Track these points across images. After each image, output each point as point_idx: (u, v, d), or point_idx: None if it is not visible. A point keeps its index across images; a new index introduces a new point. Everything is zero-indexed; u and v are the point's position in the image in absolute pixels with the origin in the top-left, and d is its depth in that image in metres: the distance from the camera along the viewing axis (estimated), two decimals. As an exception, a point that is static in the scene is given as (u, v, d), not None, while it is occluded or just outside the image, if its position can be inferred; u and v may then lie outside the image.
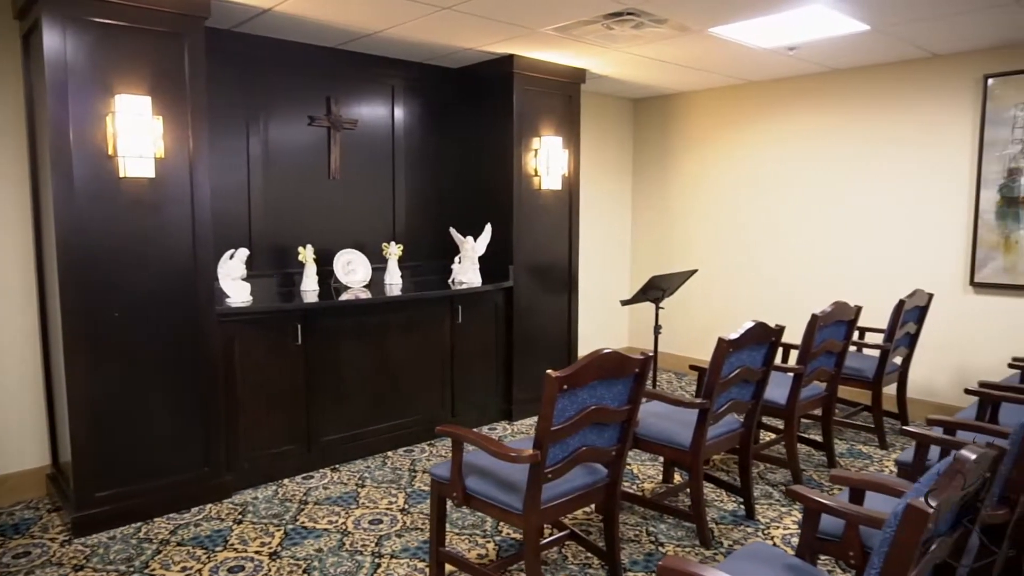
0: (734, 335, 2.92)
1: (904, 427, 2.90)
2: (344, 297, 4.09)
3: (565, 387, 2.30)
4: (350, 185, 4.64)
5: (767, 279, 5.70)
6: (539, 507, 2.41)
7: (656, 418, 3.26)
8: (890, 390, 4.59)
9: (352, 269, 4.46)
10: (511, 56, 4.67)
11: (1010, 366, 3.80)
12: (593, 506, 3.39)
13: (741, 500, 3.49)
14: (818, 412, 4.09)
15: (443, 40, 4.30)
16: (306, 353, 3.91)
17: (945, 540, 1.56)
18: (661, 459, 4.02)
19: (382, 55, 4.64)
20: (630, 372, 2.53)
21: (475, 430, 4.68)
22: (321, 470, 3.99)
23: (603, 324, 6.45)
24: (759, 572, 1.88)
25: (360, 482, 3.83)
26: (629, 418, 2.61)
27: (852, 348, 4.55)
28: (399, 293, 4.33)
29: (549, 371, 2.27)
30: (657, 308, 4.84)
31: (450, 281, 4.74)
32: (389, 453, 4.27)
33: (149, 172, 3.19)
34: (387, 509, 3.48)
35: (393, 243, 4.65)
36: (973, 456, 1.43)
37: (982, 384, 3.22)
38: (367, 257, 4.54)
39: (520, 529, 2.49)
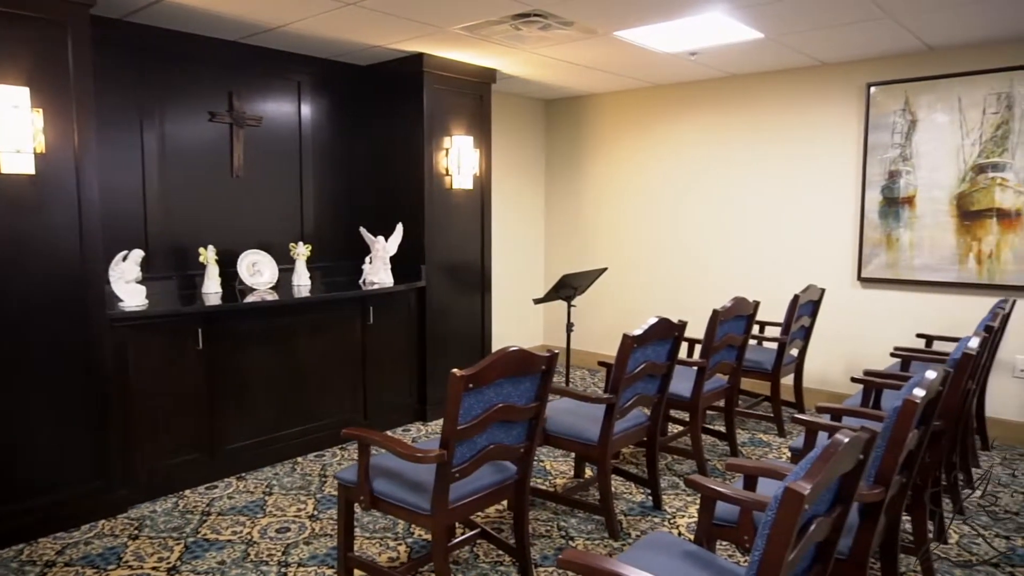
0: (638, 331, 3.00)
1: (795, 415, 3.05)
2: (250, 299, 3.96)
3: (470, 386, 2.30)
4: (255, 183, 4.49)
5: (673, 276, 5.88)
6: (447, 507, 2.41)
7: (565, 414, 3.31)
8: (788, 380, 4.83)
9: (258, 270, 4.32)
10: (421, 55, 4.64)
11: (892, 355, 4.06)
12: (506, 503, 3.41)
13: (649, 491, 3.58)
14: (722, 404, 4.25)
15: (350, 37, 4.22)
16: (209, 358, 3.76)
17: (824, 520, 1.65)
18: (573, 454, 4.08)
19: (287, 50, 4.52)
20: (536, 369, 2.56)
21: (388, 432, 4.68)
22: (226, 479, 3.84)
23: (518, 323, 6.50)
24: (658, 560, 1.94)
25: (267, 490, 3.71)
26: (537, 415, 2.64)
27: (753, 342, 4.78)
28: (308, 294, 4.23)
29: (454, 370, 2.27)
30: (569, 306, 4.92)
31: (361, 282, 4.66)
32: (299, 459, 4.16)
33: (28, 168, 2.99)
34: (295, 516, 3.39)
35: (301, 243, 4.53)
36: (846, 440, 1.53)
37: (867, 373, 3.43)
38: (274, 258, 4.41)
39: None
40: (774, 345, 4.59)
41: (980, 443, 4.32)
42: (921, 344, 4.49)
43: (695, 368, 3.80)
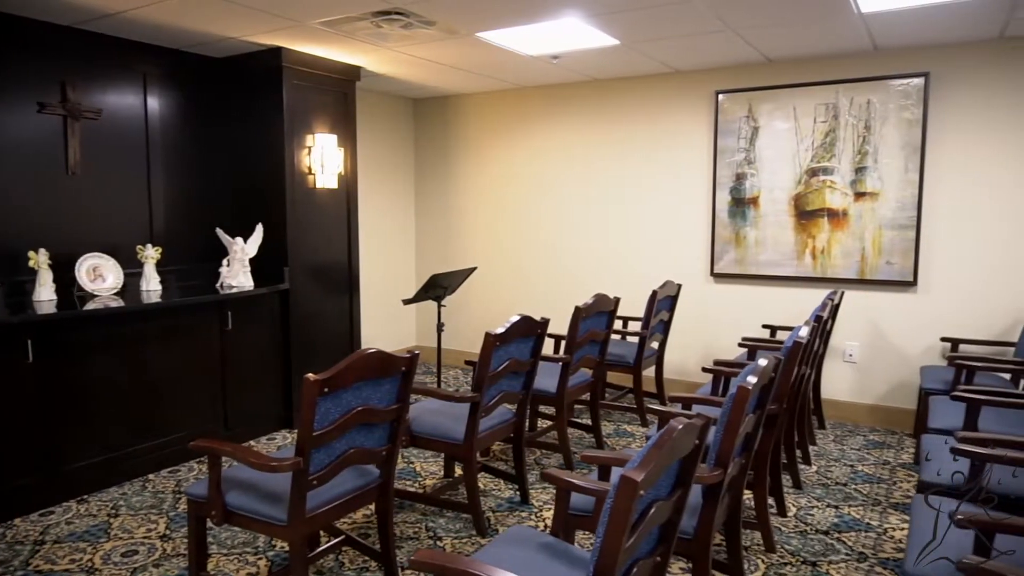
0: (500, 330, 3.04)
1: (650, 406, 3.21)
2: (91, 306, 3.66)
3: (326, 390, 2.24)
4: (95, 181, 4.16)
5: (542, 274, 6.02)
6: (305, 516, 2.34)
7: (431, 415, 3.30)
8: (650, 373, 5.06)
9: (100, 275, 4.01)
10: (279, 48, 4.46)
11: (740, 345, 4.36)
12: (374, 507, 3.36)
13: (517, 487, 3.64)
14: (587, 397, 4.39)
15: (200, 26, 4.00)
16: (41, 372, 3.44)
17: (665, 503, 1.74)
18: (443, 455, 4.08)
19: (130, 38, 4.22)
20: (396, 371, 2.53)
21: (252, 441, 4.48)
22: (65, 503, 3.53)
23: (390, 324, 6.42)
24: (515, 554, 1.97)
25: (113, 511, 3.45)
26: (398, 417, 2.61)
27: (616, 336, 4.97)
28: (158, 300, 3.96)
29: (308, 375, 2.20)
30: (439, 306, 4.91)
31: (218, 285, 4.43)
32: (151, 476, 3.90)
33: None
34: (144, 538, 3.17)
35: (150, 246, 4.24)
36: (679, 427, 1.62)
37: (716, 363, 3.65)
38: (120, 262, 4.11)
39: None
40: (636, 339, 4.79)
41: (817, 423, 4.72)
42: (767, 334, 4.84)
43: (560, 364, 3.90)
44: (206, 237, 4.64)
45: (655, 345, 4.95)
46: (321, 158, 4.73)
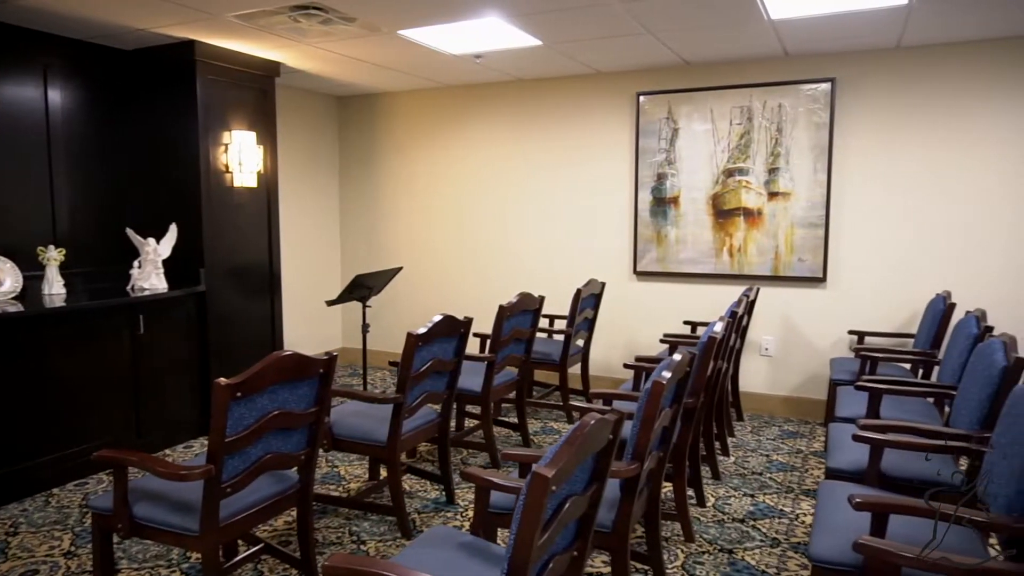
0: (422, 330, 3.02)
1: (574, 403, 3.25)
2: (-16, 312, 3.44)
3: (239, 394, 2.17)
4: (-10, 179, 3.91)
5: (469, 274, 6.01)
6: (218, 525, 2.26)
7: (354, 417, 3.25)
8: (576, 370, 5.12)
9: (-4, 279, 3.77)
10: (191, 42, 4.30)
11: (661, 341, 4.46)
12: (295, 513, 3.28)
13: (443, 487, 3.63)
14: (514, 396, 4.41)
15: (105, 17, 3.82)
16: (-71, 383, 3.21)
17: (580, 498, 1.76)
18: (368, 457, 4.02)
19: (28, 27, 3.98)
20: (314, 373, 2.48)
21: (168, 450, 4.31)
22: (-42, 522, 3.31)
23: (314, 326, 6.28)
24: (433, 555, 1.96)
25: (12, 529, 3.25)
26: (317, 420, 2.56)
27: (542, 335, 5.01)
28: (62, 304, 3.76)
29: (219, 379, 2.13)
30: (364, 307, 4.83)
31: (129, 288, 4.24)
32: (55, 490, 3.69)
33: None
34: (47, 556, 3.00)
35: (52, 247, 4.02)
36: (591, 423, 1.64)
37: (637, 359, 3.73)
38: (17, 264, 3.88)
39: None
40: (561, 337, 4.85)
41: (736, 415, 4.89)
42: (688, 330, 4.98)
43: (485, 363, 3.91)
44: (116, 238, 4.43)
45: (580, 343, 5.02)
46: (239, 156, 4.59)
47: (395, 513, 3.17)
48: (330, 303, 4.62)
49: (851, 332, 4.67)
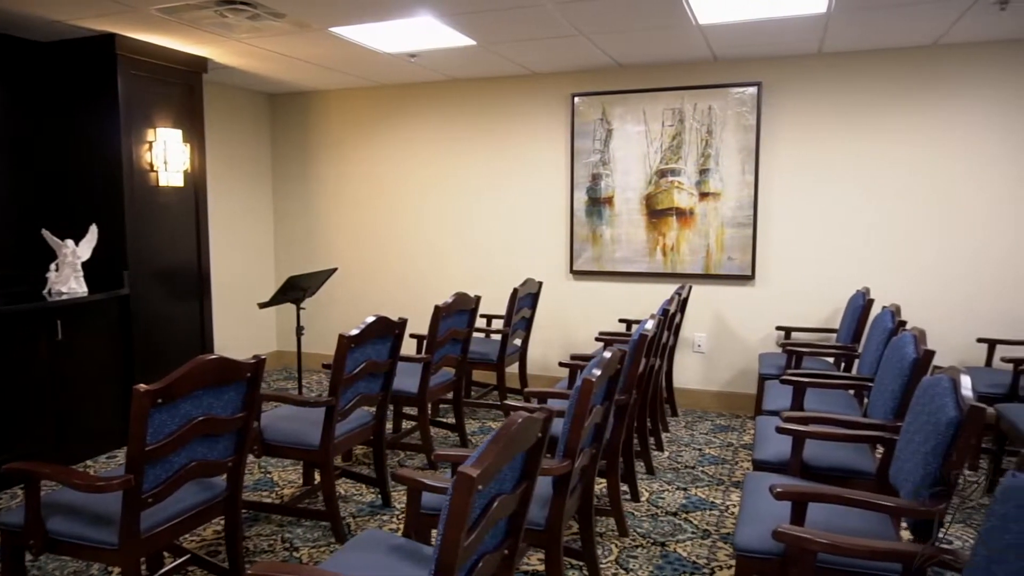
0: (355, 331, 2.98)
1: (503, 402, 3.26)
2: None
3: (160, 401, 2.10)
4: None
5: (407, 274, 5.97)
6: (139, 538, 2.18)
7: (285, 421, 3.18)
8: (513, 369, 5.14)
9: None
10: (112, 35, 4.14)
11: (597, 339, 4.52)
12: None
13: (379, 490, 3.59)
14: (451, 396, 4.40)
15: (17, 6, 3.63)
16: None
17: (509, 497, 1.77)
18: (301, 462, 3.95)
19: (-70, 17, 3.76)
20: (241, 377, 2.42)
21: (90, 461, 4.13)
22: None
23: (248, 329, 6.13)
24: (363, 559, 1.94)
25: (-84, 548, 3.06)
26: (245, 426, 2.50)
27: (479, 334, 5.01)
28: (-30, 310, 3.56)
29: (138, 385, 2.06)
30: (298, 309, 4.74)
31: (46, 292, 4.04)
32: (-35, 506, 3.50)
33: None
34: (-46, 575, 2.84)
35: (-40, 249, 3.81)
36: (519, 421, 1.65)
37: (572, 357, 3.77)
38: (-79, 268, 3.66)
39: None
40: (499, 336, 4.86)
41: (670, 410, 4.99)
42: (623, 328, 5.06)
43: (421, 363, 3.88)
44: (32, 240, 4.22)
45: (518, 342, 5.04)
46: (164, 154, 4.44)
47: (329, 518, 3.12)
48: (262, 305, 4.51)
49: (778, 328, 4.83)
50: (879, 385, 2.94)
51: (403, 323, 3.33)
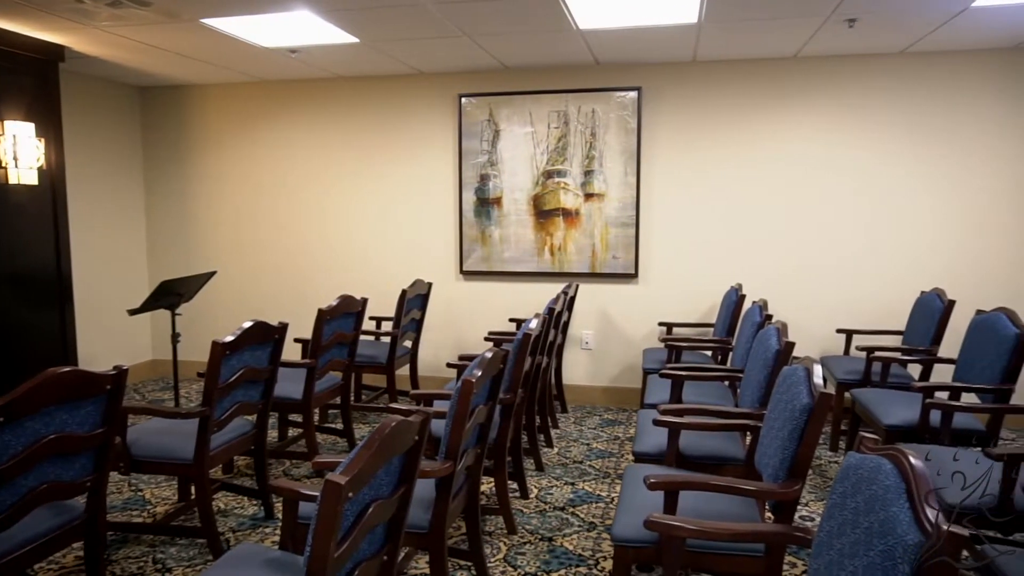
0: (229, 337, 2.85)
1: (390, 404, 3.21)
2: None
3: (1, 420, 1.92)
4: None
5: (289, 277, 5.78)
6: (-20, 569, 1.99)
7: (155, 435, 3.00)
8: (405, 371, 5.09)
9: None
10: (-50, 19, 3.77)
11: (486, 339, 4.54)
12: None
13: (262, 502, 3.45)
14: (339, 400, 4.29)
15: None
16: None
17: (385, 502, 1.74)
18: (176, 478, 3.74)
19: None
20: (100, 391, 2.26)
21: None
22: None
23: (119, 338, 5.74)
24: (234, 575, 1.86)
25: None
26: (106, 442, 2.33)
27: (369, 337, 4.93)
28: None
29: (-25, 403, 1.88)
30: (174, 315, 4.48)
31: None
32: None
33: None
34: None
35: None
36: (393, 424, 1.63)
37: (461, 358, 3.77)
38: None
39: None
40: (389, 339, 4.79)
41: (560, 407, 5.09)
42: (513, 328, 5.11)
43: (305, 369, 3.77)
44: None
45: (408, 344, 4.99)
46: (14, 149, 4.09)
47: (205, 535, 2.97)
48: (132, 312, 4.23)
49: (661, 324, 5.03)
50: (748, 376, 3.11)
51: (283, 328, 3.22)
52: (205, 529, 2.95)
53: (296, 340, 4.49)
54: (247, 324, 2.98)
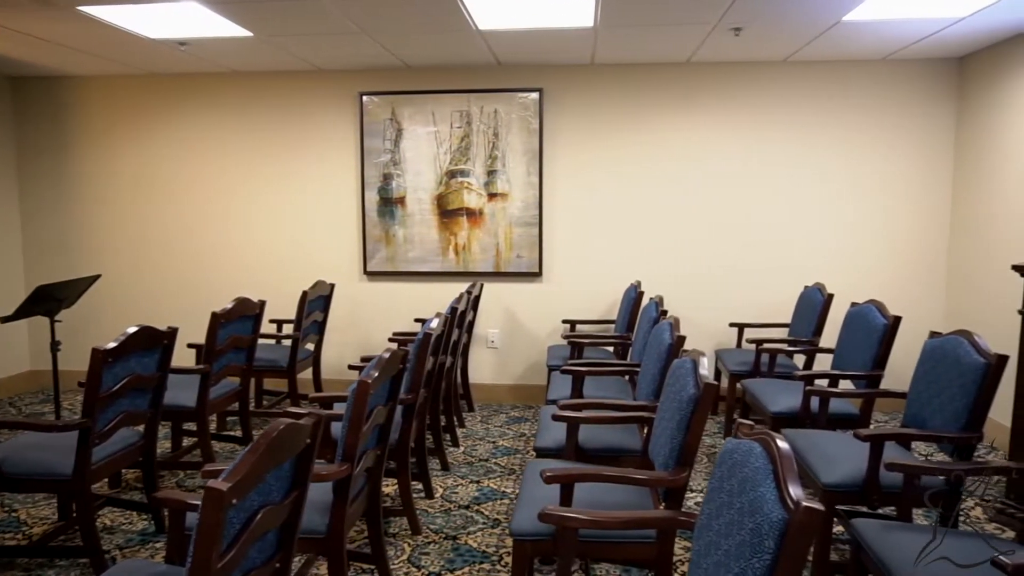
0: (112, 344, 2.70)
1: (287, 409, 3.13)
2: None
3: None
4: None
5: (185, 281, 5.53)
6: None
7: (31, 450, 2.81)
8: (308, 375, 4.97)
9: None
10: None
11: (391, 340, 4.50)
12: (-48, 574, 2.75)
13: (152, 516, 3.29)
14: (237, 407, 4.14)
15: None
16: None
17: (275, 508, 1.70)
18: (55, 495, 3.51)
19: None
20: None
21: None
22: None
23: (-9, 348, 5.34)
24: (115, 593, 1.77)
25: None
26: (-31, 459, 2.17)
27: (270, 340, 4.79)
28: None
29: None
30: (53, 322, 4.20)
31: None
32: None
33: None
34: None
35: None
36: (280, 427, 1.59)
37: (363, 359, 3.72)
38: None
39: None
40: (290, 342, 4.66)
41: (467, 406, 5.10)
42: (418, 328, 5.08)
43: (199, 375, 3.62)
44: None
45: (310, 346, 4.88)
46: None
47: (88, 554, 2.80)
48: (4, 320, 3.94)
49: (565, 321, 5.13)
50: (644, 370, 3.22)
51: (172, 332, 3.08)
52: (88, 548, 2.79)
53: (190, 345, 4.32)
54: (132, 329, 2.84)
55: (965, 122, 4.74)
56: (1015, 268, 3.24)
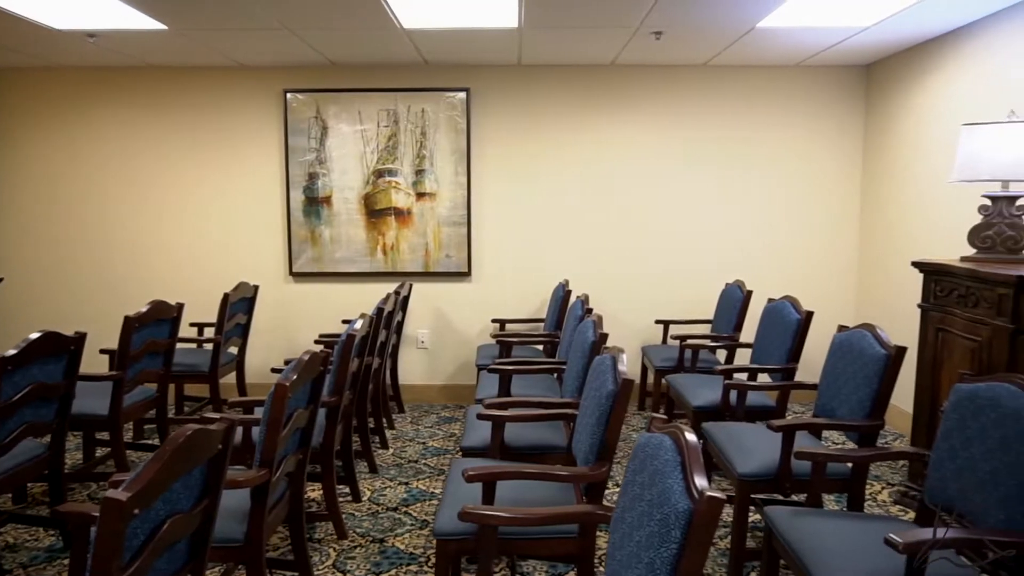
0: (12, 351, 2.56)
1: (206, 415, 3.04)
2: None
3: None
4: None
5: (98, 284, 5.28)
6: None
7: (-80, 465, 2.63)
8: (232, 379, 4.82)
9: None
10: None
11: (317, 342, 4.42)
12: None
13: (59, 532, 3.13)
14: (155, 415, 3.99)
15: None
16: None
17: (184, 516, 1.65)
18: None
19: None
20: None
21: None
22: None
23: None
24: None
25: None
26: None
27: (191, 344, 4.64)
28: None
29: None
30: (-51, 329, 3.95)
31: None
32: None
33: None
34: None
35: None
36: (188, 433, 1.55)
37: (286, 362, 3.63)
38: None
39: None
40: (212, 346, 4.52)
41: (397, 407, 5.06)
42: (345, 329, 5.00)
43: (112, 381, 3.46)
44: None
45: (233, 350, 4.74)
46: None
47: (-13, 572, 2.65)
48: None
49: (494, 320, 5.14)
50: (569, 367, 3.27)
51: (80, 338, 2.94)
52: (-13, 567, 2.64)
53: (102, 351, 4.14)
54: (34, 336, 2.70)
55: (873, 126, 4.99)
56: (915, 265, 3.43)
